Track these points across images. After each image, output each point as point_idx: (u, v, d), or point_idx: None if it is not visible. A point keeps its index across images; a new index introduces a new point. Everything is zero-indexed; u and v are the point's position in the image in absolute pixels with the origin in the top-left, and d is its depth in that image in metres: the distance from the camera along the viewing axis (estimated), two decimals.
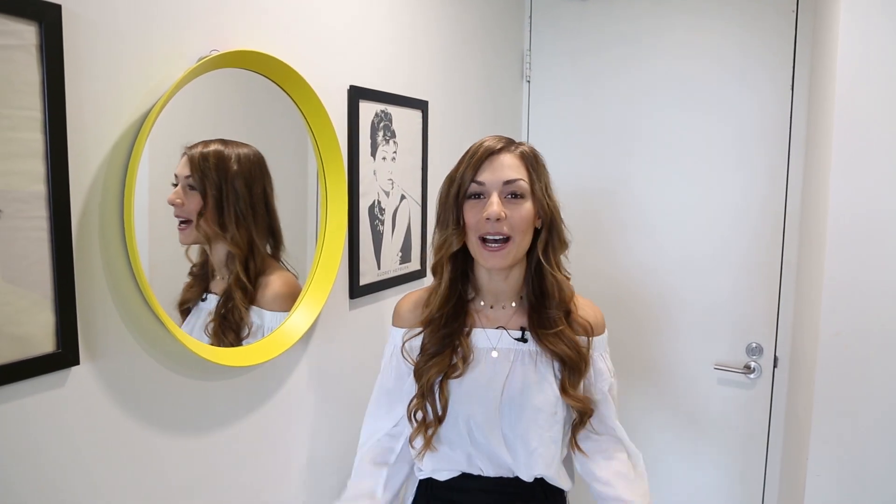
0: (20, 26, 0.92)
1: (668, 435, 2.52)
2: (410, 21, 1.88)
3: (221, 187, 1.30)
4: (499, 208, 1.27)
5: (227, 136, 1.32)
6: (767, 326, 2.33)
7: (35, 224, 0.97)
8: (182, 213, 1.27)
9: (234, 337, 1.37)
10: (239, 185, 1.32)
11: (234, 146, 1.32)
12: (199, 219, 1.27)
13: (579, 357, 1.36)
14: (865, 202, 1.58)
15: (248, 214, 1.34)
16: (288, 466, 1.57)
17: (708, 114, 2.34)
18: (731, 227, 2.35)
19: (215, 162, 1.28)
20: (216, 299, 1.35)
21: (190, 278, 1.33)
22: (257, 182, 1.36)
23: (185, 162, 1.26)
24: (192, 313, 1.33)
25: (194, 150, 1.27)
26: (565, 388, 1.35)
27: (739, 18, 2.27)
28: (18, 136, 0.93)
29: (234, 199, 1.32)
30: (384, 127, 1.77)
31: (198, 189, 1.27)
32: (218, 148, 1.30)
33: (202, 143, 1.28)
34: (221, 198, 1.30)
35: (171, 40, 1.17)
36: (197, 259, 1.34)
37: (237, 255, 1.34)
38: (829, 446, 1.67)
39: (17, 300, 0.96)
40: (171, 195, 1.25)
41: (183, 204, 1.26)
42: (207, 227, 1.29)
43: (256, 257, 1.38)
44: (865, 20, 1.56)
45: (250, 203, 1.35)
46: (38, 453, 1.02)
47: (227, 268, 1.36)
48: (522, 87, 2.63)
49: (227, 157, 1.31)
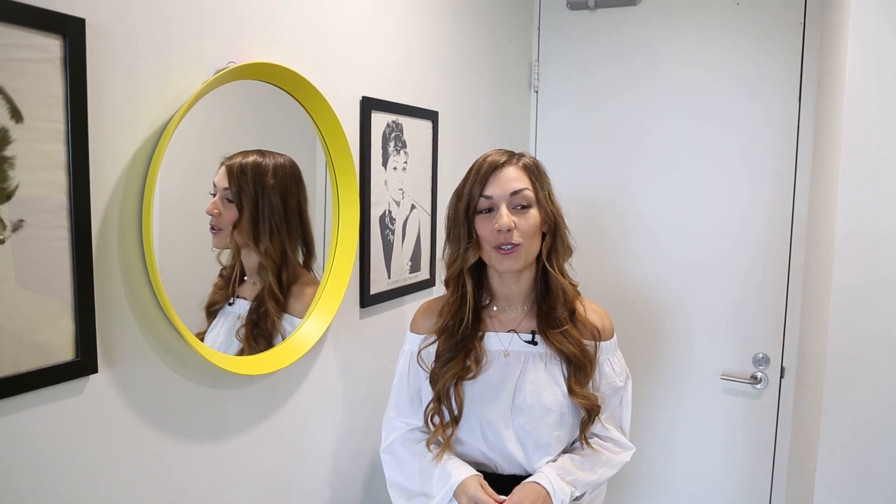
0: (46, 40, 0.94)
1: (674, 444, 2.52)
2: (421, 32, 1.89)
3: (258, 201, 1.32)
4: (508, 219, 1.34)
5: (242, 147, 1.33)
6: (774, 336, 2.33)
7: (56, 234, 0.98)
8: (218, 224, 1.29)
9: (265, 344, 1.39)
10: (275, 198, 1.34)
11: (271, 156, 1.35)
12: (233, 230, 1.29)
13: (585, 357, 1.41)
14: (873, 211, 1.59)
15: (282, 227, 1.36)
16: (301, 474, 1.57)
17: (715, 124, 2.36)
18: (737, 237, 2.36)
19: (253, 175, 1.30)
20: (247, 304, 1.37)
21: (220, 280, 1.35)
22: (292, 195, 1.39)
23: (223, 172, 1.27)
24: (219, 315, 1.35)
25: (233, 160, 1.28)
26: (572, 387, 1.40)
27: (747, 30, 2.28)
28: (43, 148, 0.95)
29: (270, 212, 1.34)
30: (395, 137, 1.78)
31: (234, 202, 1.29)
32: (256, 160, 1.32)
33: (241, 154, 1.30)
34: (257, 212, 1.32)
35: (189, 53, 1.18)
36: (228, 262, 1.35)
37: (270, 267, 1.36)
38: (838, 457, 1.67)
39: (38, 308, 0.97)
40: (210, 205, 1.27)
41: (220, 214, 1.28)
42: (240, 238, 1.31)
43: (289, 267, 1.40)
44: (873, 33, 1.57)
45: (285, 217, 1.37)
46: (55, 461, 1.03)
47: (259, 275, 1.38)
48: (530, 97, 2.65)
49: (264, 170, 1.32)
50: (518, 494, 1.35)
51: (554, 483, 1.36)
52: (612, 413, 1.51)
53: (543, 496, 1.34)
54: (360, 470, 1.79)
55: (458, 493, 1.36)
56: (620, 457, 1.49)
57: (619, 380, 1.49)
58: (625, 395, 1.52)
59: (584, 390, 1.41)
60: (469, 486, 1.35)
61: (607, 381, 1.48)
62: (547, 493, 1.35)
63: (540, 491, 1.35)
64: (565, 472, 1.39)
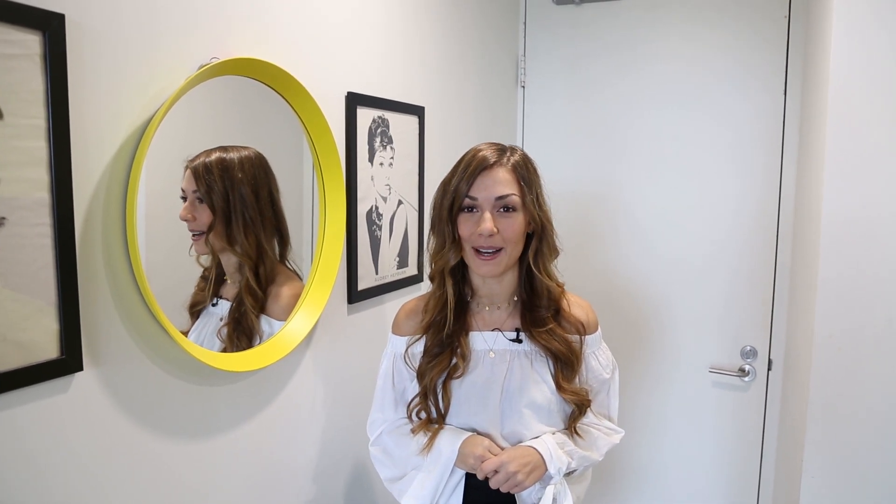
0: (24, 36, 0.93)
1: (663, 437, 2.53)
2: (406, 27, 1.89)
3: (228, 197, 1.31)
4: (491, 225, 1.31)
5: (226, 143, 1.33)
6: (762, 329, 2.35)
7: (39, 231, 0.98)
8: (195, 227, 1.28)
9: (247, 342, 1.39)
10: (246, 191, 1.33)
11: (235, 150, 1.33)
12: (208, 233, 1.29)
13: (571, 353, 1.41)
14: (859, 204, 1.60)
15: (256, 220, 1.36)
16: (290, 469, 1.57)
17: (702, 118, 2.37)
18: (724, 231, 2.37)
19: (219, 172, 1.29)
20: (228, 304, 1.37)
21: (201, 281, 1.35)
22: (263, 186, 1.38)
23: (189, 175, 1.27)
24: (202, 315, 1.34)
25: (196, 161, 1.27)
26: (559, 383, 1.39)
27: (732, 25, 2.29)
28: (23, 145, 0.94)
29: (242, 206, 1.33)
30: (381, 133, 1.78)
31: (206, 202, 1.28)
32: (220, 156, 1.31)
33: (204, 153, 1.29)
34: (229, 208, 1.31)
35: (171, 49, 1.18)
36: (208, 263, 1.35)
37: (247, 264, 1.36)
38: (824, 448, 1.68)
39: (21, 307, 0.96)
40: (183, 211, 1.26)
41: (194, 219, 1.27)
42: (216, 242, 1.31)
43: (266, 263, 1.40)
44: (858, 26, 1.58)
45: (258, 209, 1.36)
46: (41, 459, 1.02)
47: (239, 273, 1.37)
48: (517, 92, 2.65)
49: (230, 165, 1.31)
50: (509, 452, 1.34)
51: (552, 451, 1.35)
52: (600, 403, 1.51)
53: (536, 461, 1.33)
54: (348, 466, 1.79)
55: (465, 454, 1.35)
56: (612, 438, 1.50)
57: (605, 372, 1.49)
58: (612, 386, 1.52)
59: (573, 385, 1.41)
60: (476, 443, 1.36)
61: (594, 374, 1.47)
62: (541, 458, 1.34)
63: (533, 454, 1.34)
64: (564, 442, 1.39)
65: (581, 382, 1.45)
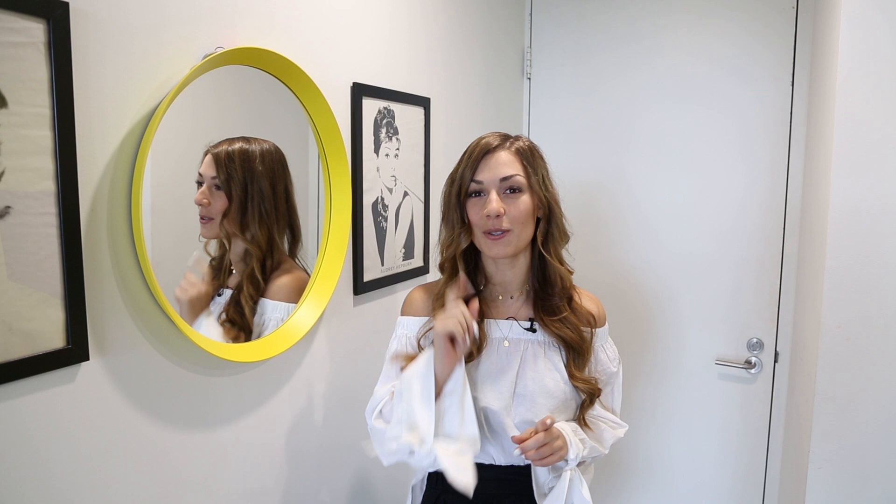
0: (29, 24, 0.92)
1: (669, 430, 2.53)
2: (412, 18, 1.88)
3: (247, 188, 1.31)
4: (497, 205, 1.32)
5: (231, 133, 1.32)
6: (768, 321, 2.34)
7: (45, 221, 0.98)
8: (208, 213, 1.28)
9: (240, 329, 1.38)
10: (264, 184, 1.34)
11: (256, 143, 1.34)
12: (222, 218, 1.29)
13: (582, 342, 1.41)
14: (866, 195, 1.59)
15: (271, 213, 1.36)
16: (296, 460, 1.57)
17: (708, 110, 2.35)
18: (731, 222, 2.36)
19: (241, 162, 1.30)
20: (230, 293, 1.37)
21: (209, 269, 1.35)
22: (280, 180, 1.38)
23: (209, 161, 1.26)
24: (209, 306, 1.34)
25: (219, 148, 1.27)
26: (571, 372, 1.40)
27: (740, 16, 2.27)
28: (28, 133, 0.94)
29: (260, 199, 1.33)
30: (387, 124, 1.77)
31: (223, 189, 1.28)
32: (242, 146, 1.31)
33: (226, 141, 1.29)
34: (246, 198, 1.31)
35: (176, 38, 1.17)
36: (216, 253, 1.35)
37: (255, 254, 1.36)
38: (831, 439, 1.67)
39: (27, 296, 0.96)
40: (199, 195, 1.26)
41: (209, 204, 1.27)
42: (229, 227, 1.31)
43: (275, 255, 1.40)
44: (866, 16, 1.56)
45: (273, 203, 1.36)
46: (48, 448, 1.03)
47: (245, 262, 1.37)
48: (523, 83, 2.64)
49: (252, 156, 1.32)
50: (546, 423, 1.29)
51: (570, 437, 1.35)
52: (605, 396, 1.51)
53: (563, 442, 1.32)
54: (353, 457, 1.80)
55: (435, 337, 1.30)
56: (617, 431, 1.50)
57: (612, 365, 1.51)
58: (617, 381, 1.54)
59: (583, 374, 1.41)
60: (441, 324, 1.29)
61: (602, 367, 1.49)
62: (565, 441, 1.33)
63: (561, 436, 1.33)
64: (577, 430, 1.40)
65: (590, 373, 1.46)
